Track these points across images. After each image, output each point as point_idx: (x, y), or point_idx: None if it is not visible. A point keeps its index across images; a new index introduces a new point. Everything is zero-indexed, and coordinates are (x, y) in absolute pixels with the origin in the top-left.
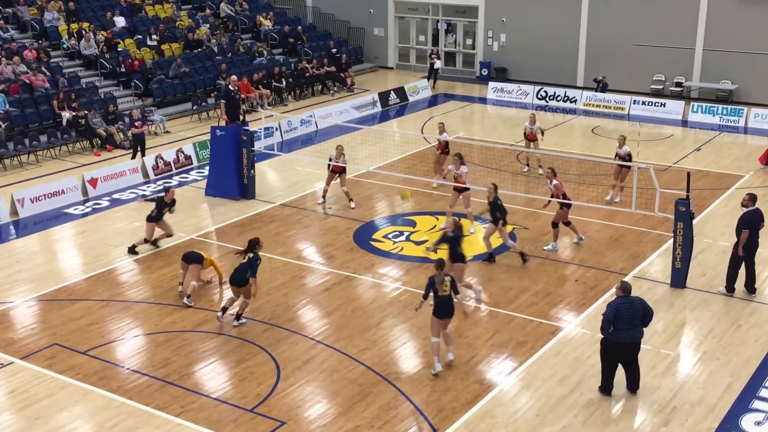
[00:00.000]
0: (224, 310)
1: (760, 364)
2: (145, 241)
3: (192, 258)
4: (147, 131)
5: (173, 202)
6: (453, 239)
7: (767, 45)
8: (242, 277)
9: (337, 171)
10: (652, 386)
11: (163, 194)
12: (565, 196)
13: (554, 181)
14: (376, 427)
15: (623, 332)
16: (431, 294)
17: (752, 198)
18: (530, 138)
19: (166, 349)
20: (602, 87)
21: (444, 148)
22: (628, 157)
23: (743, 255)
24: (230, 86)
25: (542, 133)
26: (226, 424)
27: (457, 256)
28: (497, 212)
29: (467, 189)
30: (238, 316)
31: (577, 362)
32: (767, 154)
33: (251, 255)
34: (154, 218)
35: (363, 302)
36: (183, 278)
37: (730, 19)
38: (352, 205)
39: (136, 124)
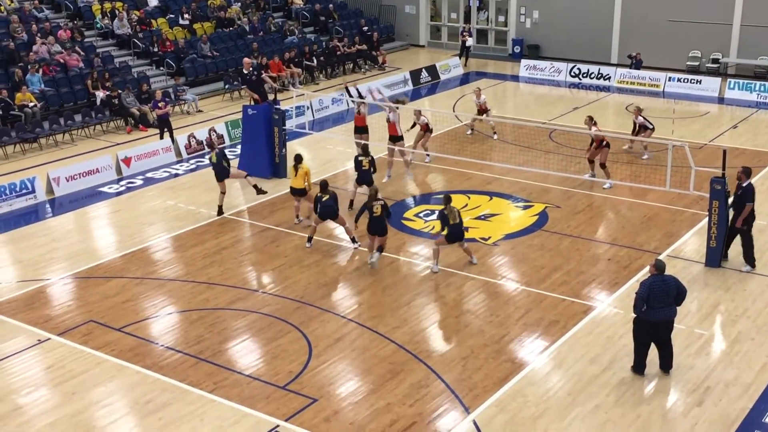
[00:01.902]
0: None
1: None
2: (222, 193)
3: (297, 192)
4: (171, 112)
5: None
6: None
7: None
8: (383, 227)
9: None
10: (686, 366)
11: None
12: (603, 140)
13: (593, 129)
14: (407, 405)
15: (656, 311)
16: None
17: (746, 171)
18: (480, 109)
19: (199, 327)
20: (637, 64)
21: (426, 128)
22: (641, 128)
23: (744, 227)
24: (243, 69)
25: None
26: (258, 401)
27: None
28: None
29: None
30: (380, 248)
31: (609, 341)
32: None
33: (381, 203)
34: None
35: (394, 281)
36: (297, 210)
37: None
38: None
39: (160, 105)
